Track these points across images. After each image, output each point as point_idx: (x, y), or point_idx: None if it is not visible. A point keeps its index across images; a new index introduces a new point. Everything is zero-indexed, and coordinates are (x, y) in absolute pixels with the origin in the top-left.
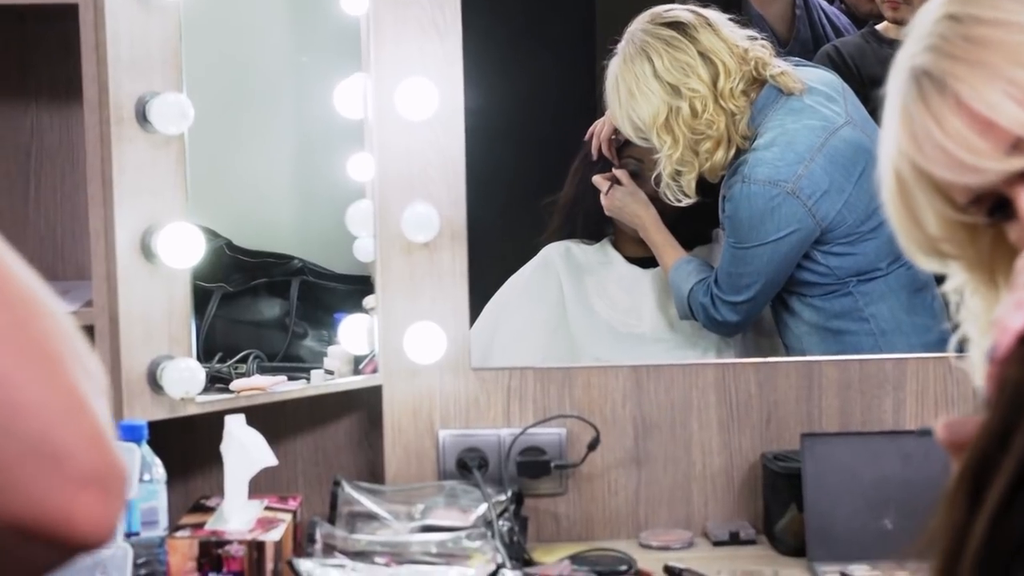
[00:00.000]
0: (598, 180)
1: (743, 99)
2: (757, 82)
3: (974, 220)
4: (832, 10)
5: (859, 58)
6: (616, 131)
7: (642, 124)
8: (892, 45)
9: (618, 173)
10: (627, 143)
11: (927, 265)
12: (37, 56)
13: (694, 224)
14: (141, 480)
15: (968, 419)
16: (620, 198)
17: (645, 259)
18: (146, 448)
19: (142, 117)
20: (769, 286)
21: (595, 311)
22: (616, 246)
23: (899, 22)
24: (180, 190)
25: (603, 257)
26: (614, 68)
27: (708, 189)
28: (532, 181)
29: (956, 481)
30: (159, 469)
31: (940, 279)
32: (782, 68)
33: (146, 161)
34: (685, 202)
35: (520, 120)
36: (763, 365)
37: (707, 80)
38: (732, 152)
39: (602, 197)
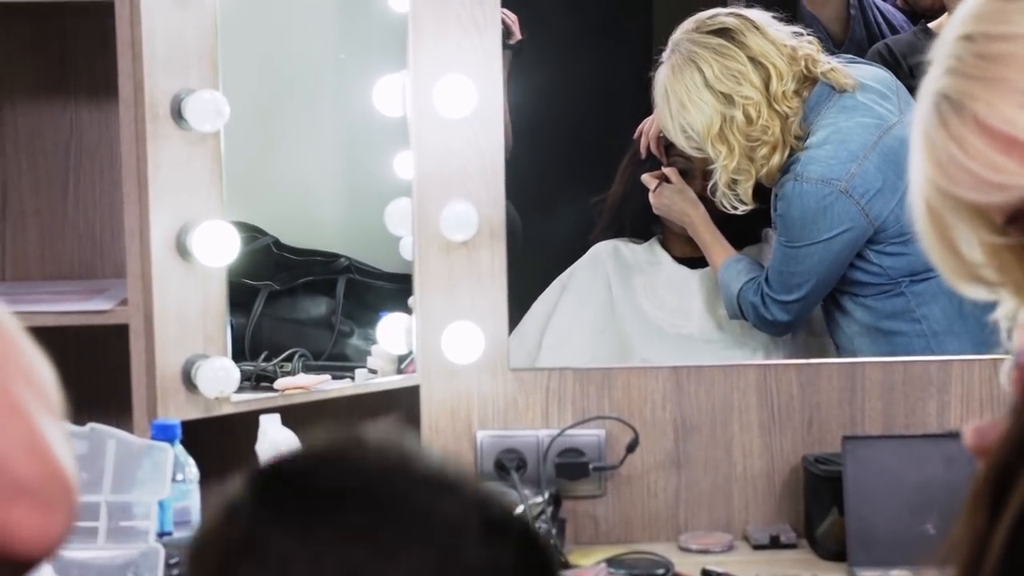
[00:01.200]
0: (646, 178)
1: (796, 100)
2: (808, 80)
3: (1017, 241)
4: (887, 7)
5: (910, 55)
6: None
7: (695, 135)
8: None
9: (667, 171)
10: None
11: (972, 293)
12: (76, 53)
13: (743, 224)
14: (174, 480)
15: (997, 423)
16: (669, 196)
17: (694, 259)
18: (179, 447)
19: (177, 114)
20: (821, 285)
21: (643, 311)
22: (664, 245)
23: None
24: (216, 188)
25: (651, 257)
26: (662, 78)
27: (763, 193)
28: (577, 180)
29: (977, 489)
30: (192, 469)
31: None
32: (832, 64)
33: (181, 159)
34: (742, 209)
35: (567, 118)
36: (805, 367)
37: (759, 86)
38: (787, 154)
39: (651, 195)
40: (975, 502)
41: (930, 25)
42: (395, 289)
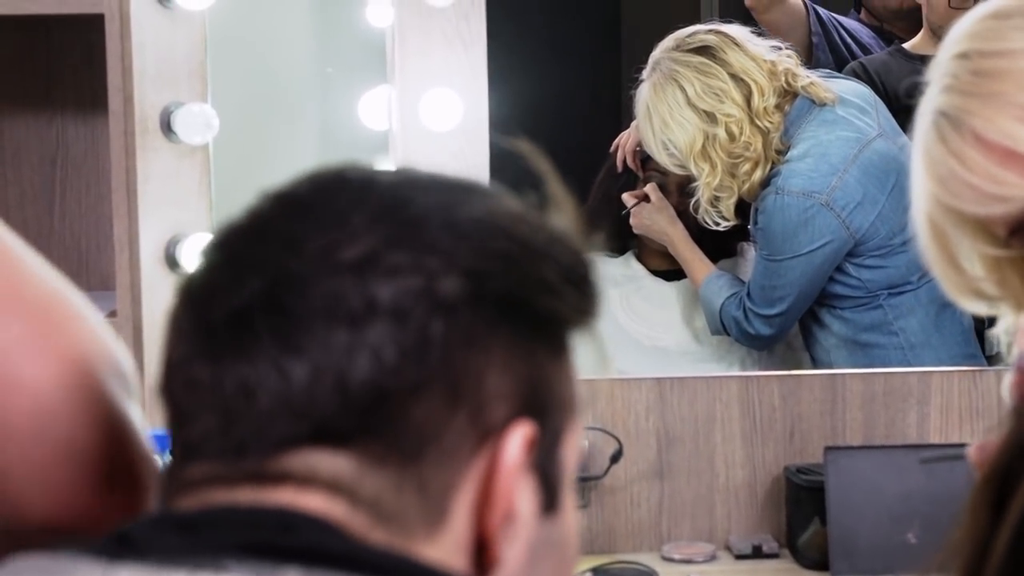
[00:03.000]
0: (626, 198)
1: (777, 114)
2: (789, 94)
3: (1019, 253)
4: (852, 25)
5: (885, 74)
6: (640, 144)
7: (678, 153)
8: (920, 61)
9: (647, 189)
10: None
11: (973, 308)
12: (63, 66)
13: (719, 238)
14: None
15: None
16: (648, 215)
17: (669, 272)
18: (169, 458)
19: (167, 127)
20: (802, 299)
21: (620, 324)
22: (640, 259)
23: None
24: (205, 200)
25: (627, 270)
26: (644, 96)
27: (742, 209)
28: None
29: (978, 491)
30: None
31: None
32: (811, 78)
33: (171, 171)
34: (724, 226)
35: (541, 133)
36: (787, 378)
37: (741, 102)
38: (768, 169)
39: (631, 216)
40: (977, 504)
41: (905, 46)
42: None
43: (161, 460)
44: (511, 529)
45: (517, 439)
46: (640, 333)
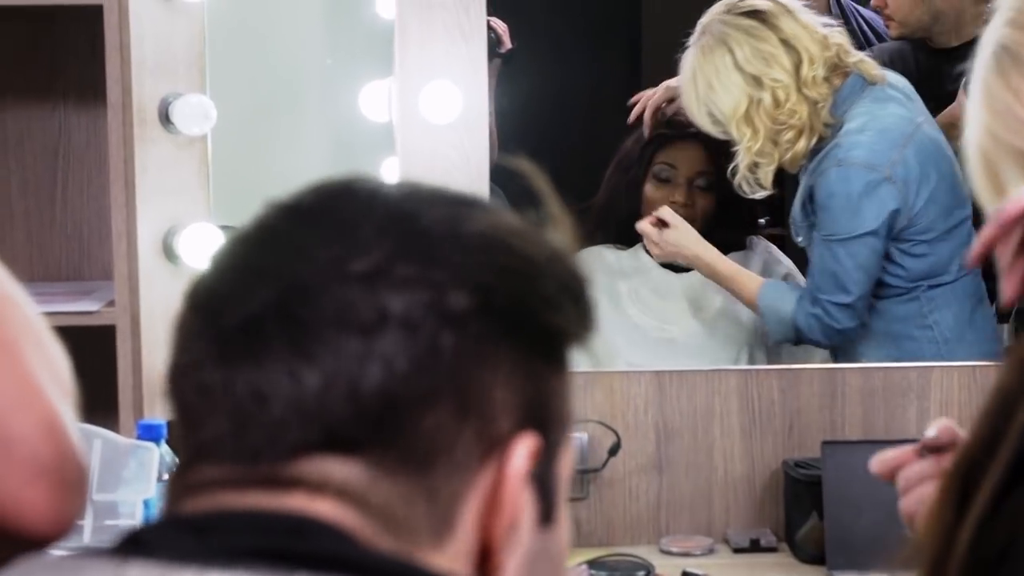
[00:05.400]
0: (643, 227)
1: (825, 86)
2: (839, 69)
3: None
4: (870, 15)
5: (897, 62)
6: (666, 103)
7: (721, 117)
8: (933, 54)
9: (661, 213)
10: (667, 125)
11: None
12: (66, 56)
13: (728, 231)
14: (159, 479)
15: (903, 453)
16: (673, 241)
17: (678, 265)
18: (165, 447)
19: (165, 118)
20: (872, 278)
21: (628, 316)
22: (649, 251)
23: (901, 37)
24: (203, 191)
25: (636, 263)
26: (690, 60)
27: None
28: (563, 187)
29: (944, 486)
30: None
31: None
32: (861, 56)
33: (169, 162)
34: (760, 194)
35: (554, 125)
36: (786, 372)
37: (789, 69)
38: (813, 140)
39: (651, 246)
40: (943, 498)
41: None
42: None
43: (157, 449)
44: (514, 538)
45: (523, 450)
46: (648, 324)
